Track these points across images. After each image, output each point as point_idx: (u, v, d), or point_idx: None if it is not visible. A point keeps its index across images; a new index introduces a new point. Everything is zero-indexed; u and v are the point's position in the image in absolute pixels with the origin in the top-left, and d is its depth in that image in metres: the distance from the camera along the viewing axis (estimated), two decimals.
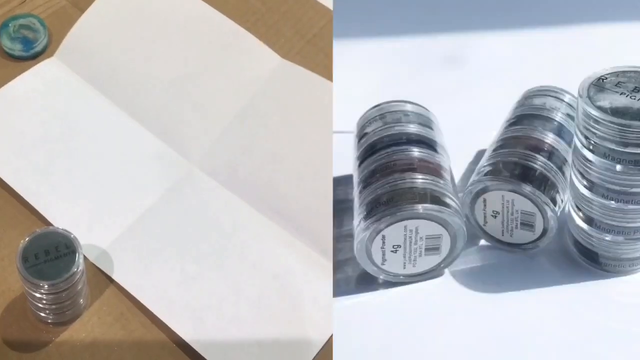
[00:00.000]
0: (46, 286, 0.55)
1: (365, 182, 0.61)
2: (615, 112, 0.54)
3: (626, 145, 0.54)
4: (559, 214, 0.61)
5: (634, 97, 0.55)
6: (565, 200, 0.62)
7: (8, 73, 0.72)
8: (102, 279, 0.62)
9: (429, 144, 0.64)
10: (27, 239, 0.56)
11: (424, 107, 0.68)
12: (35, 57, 0.74)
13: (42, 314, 0.58)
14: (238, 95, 0.71)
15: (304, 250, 0.65)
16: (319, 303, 0.62)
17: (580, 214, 0.60)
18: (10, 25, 0.74)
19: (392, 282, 0.61)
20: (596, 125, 0.55)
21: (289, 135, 0.69)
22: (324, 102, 0.70)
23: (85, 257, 0.60)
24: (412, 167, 0.61)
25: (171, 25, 0.75)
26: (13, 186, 0.66)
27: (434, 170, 0.61)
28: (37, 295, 0.56)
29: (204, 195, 0.67)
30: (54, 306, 0.57)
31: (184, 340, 0.60)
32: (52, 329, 0.60)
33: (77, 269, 0.56)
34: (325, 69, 0.73)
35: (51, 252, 0.56)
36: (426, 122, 0.66)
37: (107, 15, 0.75)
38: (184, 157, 0.69)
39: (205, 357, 0.59)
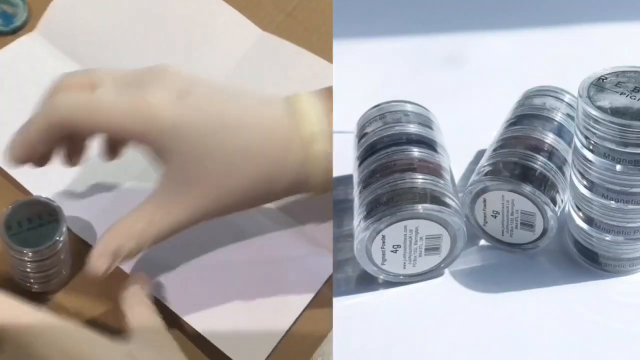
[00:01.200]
0: (30, 254, 0.55)
1: (365, 182, 0.61)
2: (615, 112, 0.55)
3: (626, 145, 0.54)
4: (559, 214, 0.61)
5: (634, 97, 0.55)
6: (565, 200, 0.62)
7: None
8: (86, 250, 0.62)
9: (429, 144, 0.64)
10: (10, 207, 0.56)
11: (424, 107, 0.68)
12: (14, 32, 0.74)
13: (27, 284, 0.59)
14: (220, 67, 0.72)
15: (298, 227, 0.65)
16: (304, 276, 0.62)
17: (580, 214, 0.60)
18: None
19: (392, 282, 0.61)
20: (596, 125, 0.55)
21: None
22: (305, 73, 0.70)
23: (69, 229, 0.60)
24: (412, 167, 0.61)
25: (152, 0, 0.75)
26: None
27: (434, 170, 0.61)
28: (22, 263, 0.56)
29: None
30: (38, 274, 0.57)
31: (169, 309, 0.60)
32: (37, 298, 0.59)
33: (60, 237, 0.56)
34: (305, 42, 0.73)
35: (34, 220, 0.56)
36: (426, 122, 0.66)
37: None
38: None
39: (192, 325, 0.59)
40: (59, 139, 0.52)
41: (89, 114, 0.50)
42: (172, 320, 0.60)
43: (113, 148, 0.57)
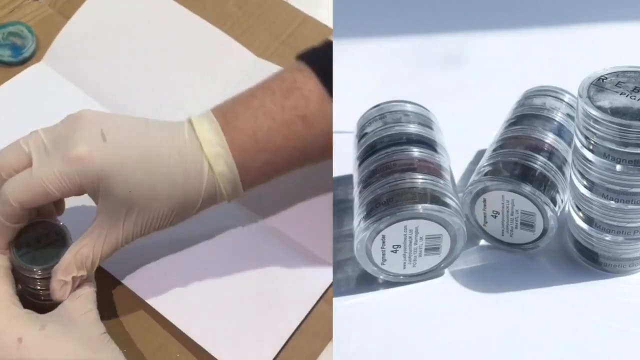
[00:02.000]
0: (39, 271, 0.57)
1: (365, 182, 0.61)
2: (615, 112, 0.55)
3: (626, 145, 0.54)
4: (559, 214, 0.61)
5: (634, 97, 0.55)
6: (565, 200, 0.62)
7: None
8: None
9: (429, 144, 0.64)
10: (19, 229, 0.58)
11: (424, 107, 0.68)
12: (23, 63, 0.76)
13: (36, 300, 0.59)
14: (216, 93, 0.73)
15: (298, 245, 0.66)
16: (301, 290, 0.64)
17: (580, 214, 0.60)
18: None
19: (392, 282, 0.61)
20: (596, 125, 0.55)
21: None
22: None
23: None
24: (412, 167, 0.61)
25: (153, 29, 0.77)
26: None
27: (434, 170, 0.61)
28: (31, 280, 0.58)
29: None
30: (46, 291, 0.58)
31: (166, 319, 0.61)
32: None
33: None
34: None
35: (42, 240, 0.58)
36: (426, 122, 0.66)
37: (91, 21, 0.77)
38: None
39: (193, 337, 0.60)
40: (27, 215, 0.58)
41: (34, 193, 0.55)
42: (172, 332, 0.61)
43: (58, 205, 0.62)
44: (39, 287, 0.58)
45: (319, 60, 0.61)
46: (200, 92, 0.74)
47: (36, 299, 0.59)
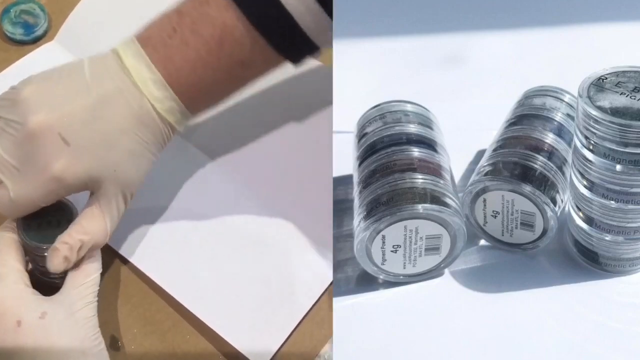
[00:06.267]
0: (48, 251, 0.58)
1: (365, 182, 0.61)
2: (615, 112, 0.55)
3: (626, 145, 0.54)
4: (559, 214, 0.61)
5: (634, 97, 0.55)
6: (565, 200, 0.62)
7: (9, 56, 0.75)
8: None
9: (429, 144, 0.64)
10: None
11: (424, 107, 0.68)
12: (35, 41, 0.76)
13: (46, 278, 0.60)
14: None
15: (302, 224, 0.67)
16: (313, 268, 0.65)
17: (580, 214, 0.60)
18: (11, 10, 0.77)
19: (392, 282, 0.61)
20: (596, 125, 0.55)
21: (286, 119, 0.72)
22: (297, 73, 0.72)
23: None
24: (412, 167, 0.61)
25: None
26: None
27: (434, 170, 0.61)
28: (41, 259, 0.59)
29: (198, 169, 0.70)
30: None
31: (177, 302, 0.62)
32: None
33: None
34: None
35: (53, 222, 0.59)
36: (426, 122, 0.66)
37: (104, 0, 0.77)
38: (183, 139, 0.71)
39: (205, 321, 0.61)
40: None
41: (23, 209, 0.57)
42: (182, 314, 0.62)
43: None
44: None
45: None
46: None
47: (46, 277, 0.60)
